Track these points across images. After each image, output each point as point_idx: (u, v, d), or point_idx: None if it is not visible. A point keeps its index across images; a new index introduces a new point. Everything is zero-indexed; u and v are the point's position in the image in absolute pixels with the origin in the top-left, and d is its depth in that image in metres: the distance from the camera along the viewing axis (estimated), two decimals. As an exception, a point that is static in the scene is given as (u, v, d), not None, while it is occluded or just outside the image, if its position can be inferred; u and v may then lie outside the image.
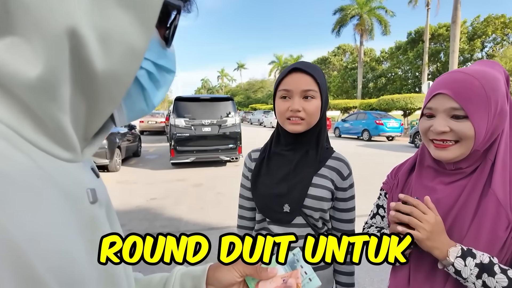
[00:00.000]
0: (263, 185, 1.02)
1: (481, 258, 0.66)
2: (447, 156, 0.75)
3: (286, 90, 0.96)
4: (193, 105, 7.79)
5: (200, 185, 6.16)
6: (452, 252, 0.67)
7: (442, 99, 0.73)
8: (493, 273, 0.64)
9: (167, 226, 3.97)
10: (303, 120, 0.95)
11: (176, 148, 7.46)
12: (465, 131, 0.71)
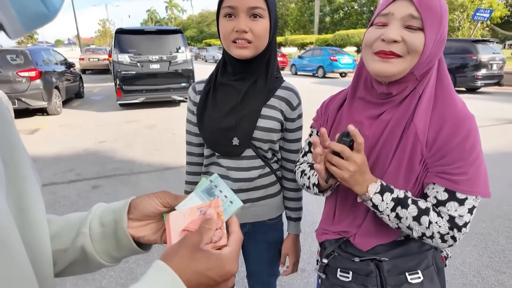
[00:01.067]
0: (209, 119, 0.96)
1: (397, 193, 0.68)
2: (389, 70, 0.69)
3: (231, 7, 0.85)
4: (138, 39, 7.07)
5: (153, 127, 5.92)
6: (371, 188, 0.68)
7: (403, 4, 0.67)
8: (406, 206, 0.68)
9: (120, 169, 3.85)
10: (250, 43, 0.87)
11: (123, 88, 6.92)
12: (416, 43, 0.66)
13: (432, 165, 0.69)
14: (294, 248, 1.10)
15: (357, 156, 0.66)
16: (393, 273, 0.75)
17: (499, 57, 9.66)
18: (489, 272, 2.03)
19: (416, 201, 0.69)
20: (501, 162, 3.97)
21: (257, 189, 1.02)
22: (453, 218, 0.67)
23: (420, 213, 0.67)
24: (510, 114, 6.68)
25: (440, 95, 0.72)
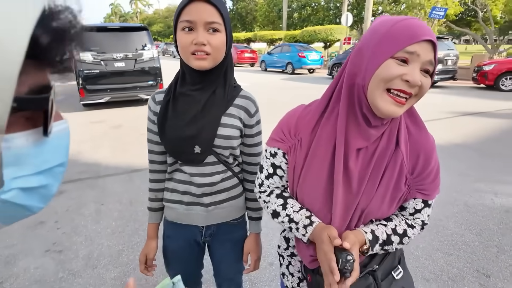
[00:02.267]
0: (171, 129, 0.99)
1: (382, 237, 0.77)
2: (399, 113, 0.68)
3: (189, 21, 0.88)
4: (101, 36, 6.79)
5: (120, 127, 5.76)
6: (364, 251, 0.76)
7: (427, 48, 0.64)
8: (390, 242, 0.77)
9: (86, 172, 3.74)
10: (208, 55, 0.90)
11: (86, 87, 6.65)
12: (426, 88, 0.67)
13: (413, 186, 0.78)
14: (255, 246, 1.16)
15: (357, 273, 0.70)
16: (384, 278, 0.82)
17: (453, 53, 10.33)
18: (439, 254, 2.23)
19: (396, 230, 0.79)
20: (454, 152, 4.30)
21: (220, 192, 1.07)
22: (424, 221, 0.82)
23: (402, 237, 0.79)
24: (464, 107, 7.20)
25: (408, 120, 0.80)
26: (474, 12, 23.35)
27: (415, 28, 0.64)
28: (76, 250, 2.32)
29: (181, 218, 1.10)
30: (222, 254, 1.18)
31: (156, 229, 1.16)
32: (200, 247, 1.17)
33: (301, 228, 0.79)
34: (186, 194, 1.06)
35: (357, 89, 0.71)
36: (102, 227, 2.62)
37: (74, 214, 2.82)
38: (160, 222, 1.17)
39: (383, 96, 0.67)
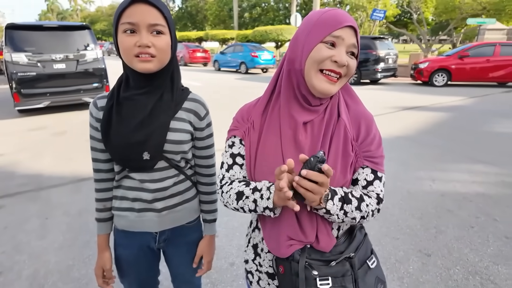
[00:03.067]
0: (116, 135, 0.94)
1: (340, 193, 0.76)
2: (332, 91, 0.78)
3: (131, 24, 0.85)
4: (36, 36, 6.24)
5: (63, 133, 5.35)
6: (324, 197, 0.73)
7: (349, 33, 0.75)
8: (349, 201, 0.76)
9: (26, 184, 3.41)
10: (154, 57, 0.88)
11: (21, 92, 6.06)
12: (354, 66, 0.78)
13: (360, 153, 0.81)
14: (209, 248, 1.16)
15: (328, 180, 0.68)
16: (360, 266, 0.82)
17: (393, 52, 11.18)
18: (387, 239, 2.41)
19: (352, 193, 0.78)
20: (395, 144, 4.67)
21: (174, 196, 1.05)
22: (378, 194, 0.81)
23: (359, 201, 0.77)
24: (403, 102, 7.83)
25: (346, 96, 0.87)
26: (410, 14, 25.47)
27: (339, 16, 0.75)
28: (18, 271, 2.11)
29: (133, 226, 1.06)
30: (178, 258, 1.16)
31: (107, 240, 1.11)
32: (154, 253, 1.14)
33: (265, 191, 0.78)
34: (136, 201, 1.02)
35: (295, 73, 0.81)
36: (49, 242, 2.42)
37: (14, 231, 2.57)
38: (110, 232, 1.12)
39: (317, 76, 0.77)
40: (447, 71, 10.26)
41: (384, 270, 2.06)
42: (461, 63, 10.09)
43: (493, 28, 16.10)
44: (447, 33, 25.68)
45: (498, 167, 3.81)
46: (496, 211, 2.81)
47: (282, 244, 0.83)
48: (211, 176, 1.13)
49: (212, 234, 1.17)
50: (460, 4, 20.10)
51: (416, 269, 2.09)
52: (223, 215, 2.74)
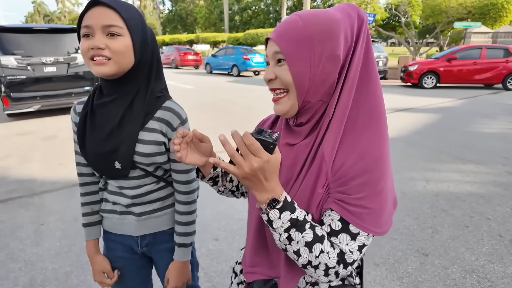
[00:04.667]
0: (90, 143, 0.94)
1: (298, 215, 0.61)
2: (280, 110, 0.69)
3: (87, 27, 0.83)
4: (26, 38, 6.12)
5: (53, 138, 5.25)
6: (272, 202, 0.60)
7: (271, 45, 0.67)
8: (302, 229, 0.61)
9: (17, 190, 3.34)
10: (109, 60, 0.84)
11: (10, 95, 5.93)
12: (284, 76, 0.65)
13: (333, 191, 0.63)
14: (175, 274, 1.05)
15: (267, 154, 0.57)
16: None
17: (383, 55, 11.38)
18: (385, 240, 2.44)
19: (314, 226, 0.62)
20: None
21: (153, 202, 1.02)
22: (343, 253, 0.62)
23: (315, 240, 0.61)
24: (394, 104, 7.95)
25: (358, 119, 0.65)
26: (398, 17, 25.95)
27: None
28: (14, 278, 2.06)
29: (115, 228, 1.06)
30: (163, 264, 1.11)
31: (97, 245, 1.09)
32: (142, 260, 1.12)
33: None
34: (116, 204, 1.02)
35: None
36: (44, 249, 2.37)
37: (7, 238, 2.51)
38: (99, 237, 1.10)
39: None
40: (436, 74, 10.48)
41: (383, 271, 2.10)
42: (449, 66, 10.32)
43: (478, 32, 16.54)
44: (434, 36, 26.23)
45: (487, 166, 3.91)
46: (488, 210, 2.87)
47: (246, 267, 0.79)
48: (189, 184, 1.03)
49: (181, 260, 1.05)
50: (446, 8, 20.57)
51: (415, 269, 2.13)
52: (221, 218, 2.74)
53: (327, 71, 0.64)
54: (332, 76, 0.65)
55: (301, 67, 0.63)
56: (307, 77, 0.63)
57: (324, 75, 0.64)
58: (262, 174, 0.58)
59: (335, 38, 0.62)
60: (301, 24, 0.63)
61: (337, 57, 0.63)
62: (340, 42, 0.63)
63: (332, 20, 0.63)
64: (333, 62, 0.63)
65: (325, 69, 0.64)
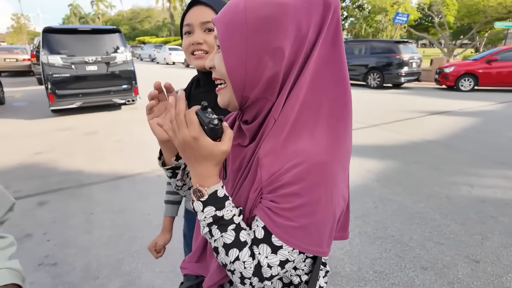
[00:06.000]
0: None
1: (224, 213, 0.56)
2: (219, 101, 0.62)
3: (188, 25, 0.93)
4: (70, 39, 6.49)
5: (94, 133, 5.52)
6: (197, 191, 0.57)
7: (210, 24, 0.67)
8: (224, 229, 0.56)
9: (66, 181, 3.54)
10: (207, 53, 0.93)
11: (56, 92, 6.29)
12: (219, 66, 0.57)
13: (264, 197, 0.57)
14: None
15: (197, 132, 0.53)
16: None
17: (417, 56, 11.01)
18: (431, 244, 2.38)
19: (241, 230, 0.56)
20: (425, 148, 4.59)
21: None
22: (260, 266, 0.55)
23: (234, 244, 0.55)
24: (430, 107, 7.68)
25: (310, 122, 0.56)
26: (431, 18, 25.03)
27: None
28: (72, 262, 2.20)
29: None
30: None
31: (171, 222, 1.19)
32: None
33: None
34: None
35: None
36: (96, 237, 2.50)
37: (62, 225, 2.67)
38: (175, 217, 1.20)
39: None
40: (474, 76, 10.00)
41: (432, 275, 2.05)
42: (489, 68, 9.82)
43: (520, 32, 15.63)
44: (469, 37, 25.06)
45: (538, 174, 3.69)
46: (542, 218, 2.72)
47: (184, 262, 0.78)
48: None
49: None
50: (484, 7, 19.61)
51: (466, 275, 2.05)
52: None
53: (267, 66, 0.54)
54: (273, 72, 0.55)
55: (235, 58, 0.55)
56: (242, 70, 0.55)
57: (262, 70, 0.55)
58: (191, 151, 0.55)
59: (278, 27, 0.52)
60: (242, 7, 0.53)
61: (280, 50, 0.53)
62: (286, 33, 0.52)
63: (277, 4, 0.52)
64: (274, 56, 0.54)
65: (263, 63, 0.54)
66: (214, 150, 0.54)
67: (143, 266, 2.16)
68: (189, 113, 0.54)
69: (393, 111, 7.09)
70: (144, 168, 3.89)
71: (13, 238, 0.94)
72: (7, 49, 15.79)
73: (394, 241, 2.42)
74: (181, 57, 23.26)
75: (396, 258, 2.23)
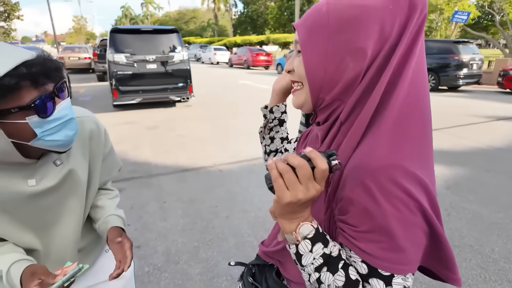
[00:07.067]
0: None
1: (331, 249, 0.51)
2: (294, 102, 0.64)
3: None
4: (133, 38, 6.93)
5: (155, 128, 5.85)
6: (304, 229, 0.51)
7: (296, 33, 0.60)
8: (335, 270, 0.51)
9: (137, 171, 3.80)
10: None
11: (119, 88, 6.76)
12: (298, 68, 0.58)
13: (337, 219, 0.52)
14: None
15: (315, 184, 0.48)
16: None
17: (478, 57, 10.24)
18: (517, 258, 2.22)
19: (347, 267, 0.51)
20: (498, 156, 4.27)
21: None
22: None
23: (347, 286, 0.50)
24: (496, 112, 7.13)
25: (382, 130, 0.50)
26: (491, 16, 23.13)
27: None
28: (153, 246, 2.37)
29: None
30: None
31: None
32: None
33: None
34: None
35: None
36: (171, 224, 2.67)
37: (139, 211, 2.88)
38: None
39: None
40: (545, 79, 9.11)
41: (523, 290, 1.91)
42: None
43: None
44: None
45: None
46: None
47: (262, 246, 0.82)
48: None
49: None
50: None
51: None
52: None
53: (348, 67, 0.53)
54: (354, 73, 0.53)
55: (314, 59, 0.54)
56: (321, 71, 0.54)
57: (342, 71, 0.53)
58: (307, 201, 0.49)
59: (361, 27, 0.51)
60: (325, 9, 0.53)
61: (362, 51, 0.51)
62: (369, 33, 0.51)
63: (361, 6, 0.51)
64: (356, 56, 0.52)
65: (344, 64, 0.53)
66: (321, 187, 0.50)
67: (219, 255, 2.27)
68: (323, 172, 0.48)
69: (453, 115, 6.68)
70: (206, 163, 4.06)
71: (118, 191, 1.16)
72: (71, 48, 17.23)
73: (473, 251, 2.30)
74: (225, 57, 23.81)
75: (479, 269, 2.12)
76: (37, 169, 0.83)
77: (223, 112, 7.21)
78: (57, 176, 0.86)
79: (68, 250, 0.95)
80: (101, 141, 1.00)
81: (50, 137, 0.74)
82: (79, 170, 0.92)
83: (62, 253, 0.93)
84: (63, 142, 0.78)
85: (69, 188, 0.90)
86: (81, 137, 0.93)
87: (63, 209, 0.91)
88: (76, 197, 0.93)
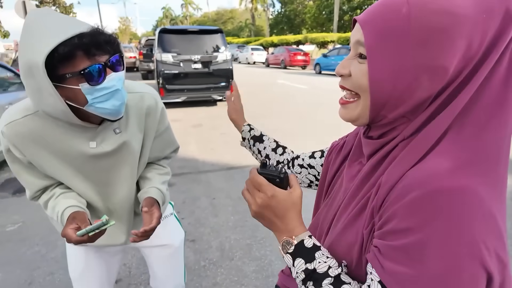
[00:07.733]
0: None
1: (316, 265, 0.50)
2: (344, 115, 0.56)
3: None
4: (179, 39, 7.20)
5: (199, 126, 6.02)
6: (285, 243, 0.54)
7: (355, 30, 0.51)
8: (318, 285, 0.50)
9: (185, 167, 3.95)
10: None
11: (166, 87, 7.05)
12: (358, 77, 0.49)
13: (375, 234, 0.48)
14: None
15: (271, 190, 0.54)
16: None
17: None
18: None
19: (339, 285, 0.49)
20: None
21: None
22: None
23: None
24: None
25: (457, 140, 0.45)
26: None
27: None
28: (207, 241, 2.44)
29: None
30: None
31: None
32: None
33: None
34: None
35: None
36: (223, 220, 2.74)
37: (191, 206, 2.99)
38: None
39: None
40: None
41: None
42: None
43: None
44: None
45: None
46: None
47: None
48: None
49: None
50: None
51: None
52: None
53: (422, 85, 0.45)
54: (428, 94, 0.46)
55: (383, 71, 0.46)
56: (389, 86, 0.46)
57: (414, 90, 0.46)
58: (271, 211, 0.54)
59: (447, 42, 0.42)
60: (405, 10, 0.43)
61: (444, 70, 0.44)
62: (455, 50, 0.42)
63: (450, 14, 0.42)
64: (434, 76, 0.44)
65: (418, 82, 0.45)
66: (293, 197, 0.55)
67: (271, 254, 2.29)
68: (254, 179, 0.56)
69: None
70: (250, 162, 4.11)
71: (169, 169, 1.22)
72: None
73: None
74: (262, 57, 23.92)
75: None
76: (98, 133, 0.92)
77: (261, 111, 7.26)
78: (115, 143, 0.95)
79: (124, 212, 1.06)
80: (156, 117, 1.06)
81: (100, 105, 0.82)
82: (134, 141, 1.00)
83: (119, 214, 1.05)
84: (111, 111, 0.84)
85: (123, 156, 0.98)
86: (139, 111, 1.00)
87: (118, 174, 1.00)
88: (128, 165, 1.01)
